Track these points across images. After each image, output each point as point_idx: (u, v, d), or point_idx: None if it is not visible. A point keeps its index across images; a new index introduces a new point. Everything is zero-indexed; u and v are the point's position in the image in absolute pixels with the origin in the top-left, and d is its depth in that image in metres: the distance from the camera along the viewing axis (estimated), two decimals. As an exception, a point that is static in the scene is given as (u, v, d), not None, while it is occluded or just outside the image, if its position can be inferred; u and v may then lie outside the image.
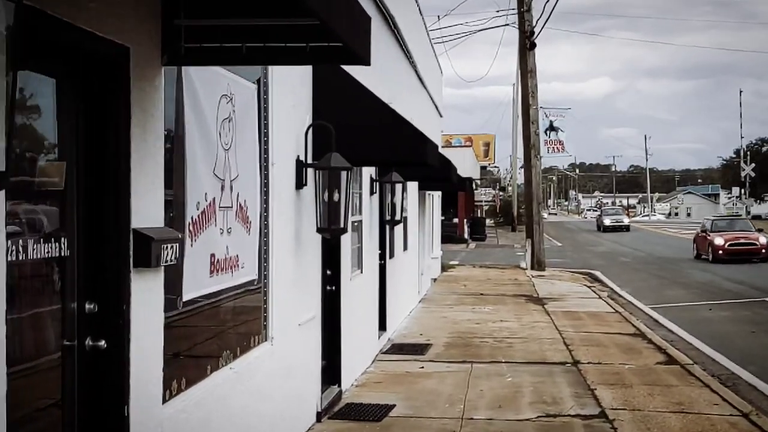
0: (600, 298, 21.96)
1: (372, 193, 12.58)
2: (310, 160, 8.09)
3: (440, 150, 17.01)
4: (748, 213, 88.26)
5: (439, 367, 12.38)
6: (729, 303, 21.07)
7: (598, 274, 29.49)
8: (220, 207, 5.78)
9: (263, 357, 6.80)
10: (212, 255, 5.63)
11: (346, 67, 8.79)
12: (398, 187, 12.89)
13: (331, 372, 9.77)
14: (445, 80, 27.72)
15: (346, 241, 10.43)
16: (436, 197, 26.63)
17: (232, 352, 6.09)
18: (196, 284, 5.36)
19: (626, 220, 71.18)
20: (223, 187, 5.84)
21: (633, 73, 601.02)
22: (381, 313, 13.83)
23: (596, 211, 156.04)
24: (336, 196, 7.75)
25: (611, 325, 16.86)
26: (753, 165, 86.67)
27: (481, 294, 22.28)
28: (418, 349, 13.73)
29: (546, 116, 33.20)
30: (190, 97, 5.21)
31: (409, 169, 13.03)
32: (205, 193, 5.48)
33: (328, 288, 9.73)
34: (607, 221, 69.70)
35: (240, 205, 6.23)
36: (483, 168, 69.33)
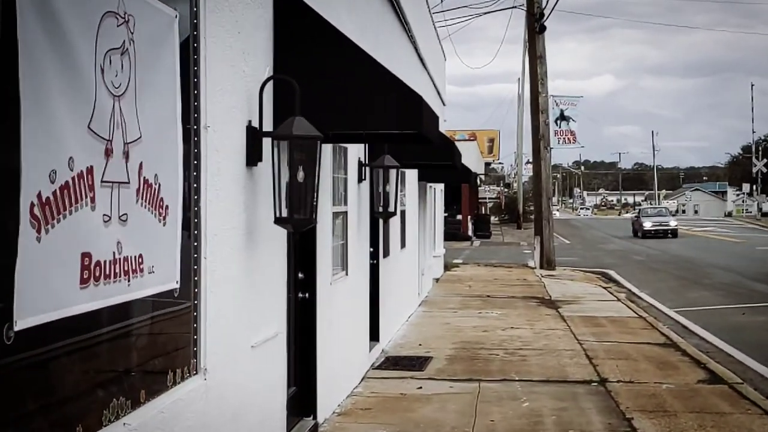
0: (619, 300, 19.95)
1: (361, 179, 10.58)
2: (270, 128, 6.07)
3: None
4: (760, 210, 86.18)
5: (441, 386, 10.39)
6: (763, 306, 19.03)
7: (612, 273, 27.51)
8: (103, 182, 3.79)
9: (190, 399, 4.80)
10: (86, 255, 3.64)
11: (322, 12, 6.81)
12: (392, 173, 10.85)
13: (303, 401, 7.77)
14: (448, 79, 25.80)
15: (325, 236, 8.45)
16: (438, 191, 24.62)
17: (129, 399, 4.10)
18: (50, 301, 3.37)
19: (673, 223, 53.60)
20: (109, 152, 3.84)
21: (636, 71, 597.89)
22: (372, 322, 11.83)
23: (588, 210, 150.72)
24: (300, 176, 5.76)
25: (637, 332, 14.85)
26: (765, 160, 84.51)
27: (488, 296, 20.28)
28: (416, 364, 11.74)
29: (556, 105, 31.01)
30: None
31: (405, 150, 11.03)
32: (70, 158, 3.49)
33: (300, 295, 7.74)
34: (647, 224, 52.93)
35: (146, 181, 4.24)
36: (487, 165, 67.44)
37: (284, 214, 5.81)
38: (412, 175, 16.63)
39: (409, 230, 16.52)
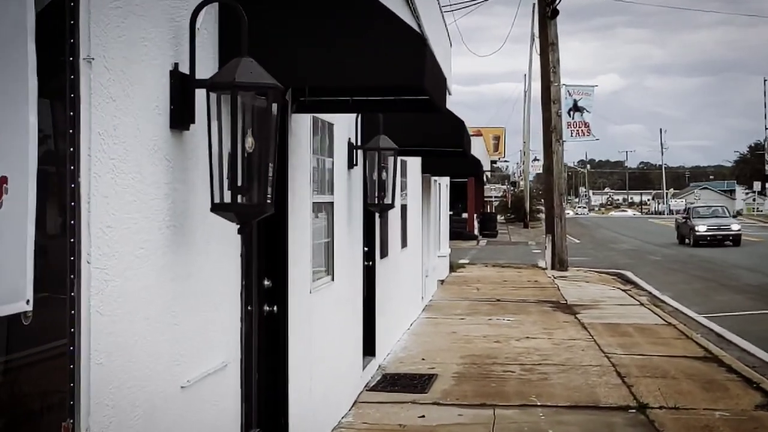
0: (642, 305, 18.13)
1: (351, 165, 8.80)
2: (207, 75, 4.27)
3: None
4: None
5: (448, 414, 8.61)
6: (803, 312, 17.23)
7: (629, 274, 25.68)
8: None
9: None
10: None
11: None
12: (390, 158, 9.05)
13: (270, 447, 5.99)
14: (452, 77, 24.09)
15: (302, 231, 6.67)
16: (443, 186, 22.82)
17: None
18: None
19: (735, 226, 40.98)
20: None
21: (640, 70, 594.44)
22: (367, 334, 10.03)
23: (586, 209, 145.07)
24: (249, 143, 4.00)
25: (669, 343, 13.06)
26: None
27: (498, 300, 18.47)
28: (417, 384, 9.95)
29: (569, 95, 29.14)
30: None
31: (407, 134, 9.25)
32: None
33: (267, 308, 5.96)
34: (701, 228, 40.09)
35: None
36: (493, 162, 65.79)
37: (226, 198, 4.05)
38: (414, 166, 14.86)
39: (411, 227, 14.74)
